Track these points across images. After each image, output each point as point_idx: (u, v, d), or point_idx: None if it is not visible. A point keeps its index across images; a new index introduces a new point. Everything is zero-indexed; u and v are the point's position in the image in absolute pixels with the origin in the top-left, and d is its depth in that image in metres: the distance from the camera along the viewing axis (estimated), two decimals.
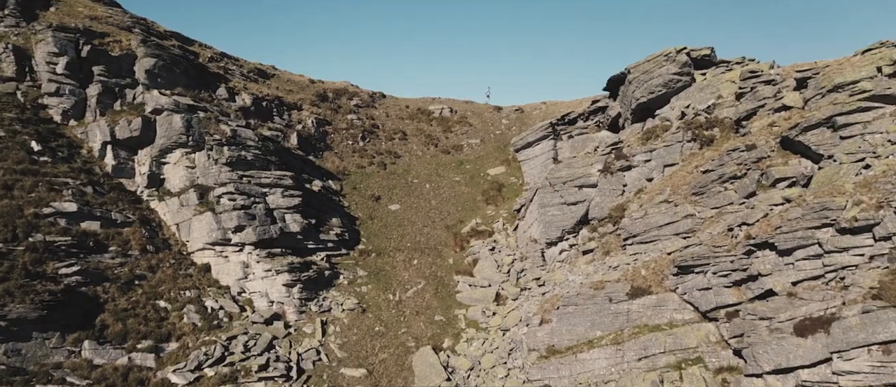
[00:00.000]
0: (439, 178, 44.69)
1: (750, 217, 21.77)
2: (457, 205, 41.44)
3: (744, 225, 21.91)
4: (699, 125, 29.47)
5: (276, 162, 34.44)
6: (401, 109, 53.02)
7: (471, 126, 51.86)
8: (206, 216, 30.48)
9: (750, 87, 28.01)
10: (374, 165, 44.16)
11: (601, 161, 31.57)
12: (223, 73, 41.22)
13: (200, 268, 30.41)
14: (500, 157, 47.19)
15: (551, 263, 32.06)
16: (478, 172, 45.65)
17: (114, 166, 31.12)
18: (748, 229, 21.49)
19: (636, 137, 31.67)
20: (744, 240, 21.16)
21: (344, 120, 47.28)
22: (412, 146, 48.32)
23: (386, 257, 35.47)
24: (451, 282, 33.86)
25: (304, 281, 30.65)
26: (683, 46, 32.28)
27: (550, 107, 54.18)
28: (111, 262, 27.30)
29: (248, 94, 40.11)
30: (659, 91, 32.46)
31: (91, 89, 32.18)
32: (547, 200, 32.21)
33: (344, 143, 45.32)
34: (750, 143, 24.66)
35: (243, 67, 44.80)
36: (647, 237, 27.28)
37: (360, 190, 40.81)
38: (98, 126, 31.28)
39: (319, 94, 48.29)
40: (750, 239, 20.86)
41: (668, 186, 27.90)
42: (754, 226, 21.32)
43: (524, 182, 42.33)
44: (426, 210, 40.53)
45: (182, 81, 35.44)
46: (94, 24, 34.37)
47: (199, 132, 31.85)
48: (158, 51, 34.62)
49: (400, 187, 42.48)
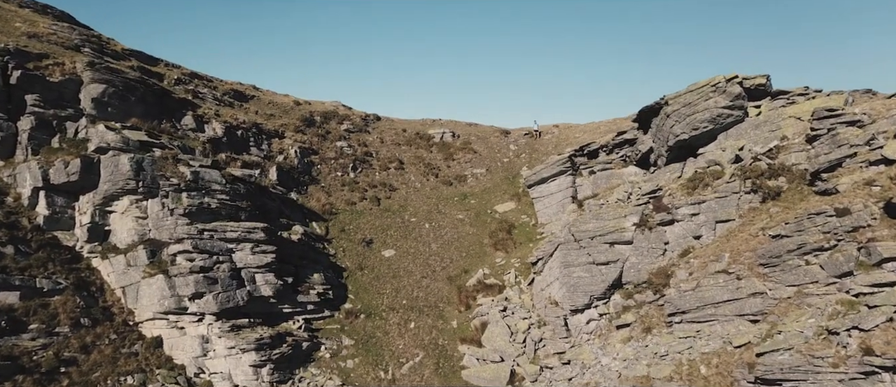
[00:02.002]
0: (440, 215, 39.26)
1: (865, 320, 16.35)
2: (460, 250, 35.97)
3: (856, 330, 16.49)
4: (760, 173, 24.11)
5: (248, 208, 28.95)
6: (397, 134, 47.63)
7: (475, 153, 46.46)
8: (157, 279, 24.98)
9: (826, 129, 22.69)
10: (365, 200, 38.73)
11: (636, 213, 26.17)
12: (192, 97, 35.77)
13: (150, 343, 24.86)
14: (509, 190, 41.79)
15: (577, 335, 26.61)
16: (484, 208, 40.22)
17: (47, 217, 25.59)
18: (863, 338, 16.09)
19: (679, 184, 26.27)
20: (858, 353, 15.76)
21: (332, 148, 41.86)
22: (410, 177, 42.92)
23: (377, 320, 29.96)
24: (455, 353, 28.35)
25: (277, 359, 25.14)
26: (735, 74, 26.97)
27: (564, 131, 48.82)
28: (30, 344, 21.75)
29: (219, 123, 34.66)
30: (704, 127, 27.11)
31: (23, 122, 26.67)
32: (571, 258, 26.77)
33: (332, 175, 39.89)
34: (841, 205, 19.28)
35: (217, 89, 39.37)
36: (701, 316, 21.87)
37: (349, 233, 35.33)
38: (28, 168, 25.76)
39: (305, 118, 42.87)
40: (869, 355, 15.47)
41: (727, 252, 22.50)
42: (873, 334, 15.93)
43: (538, 222, 36.93)
44: (425, 257, 35.05)
45: (138, 110, 30.03)
46: (31, 44, 28.92)
47: (153, 175, 26.37)
48: (109, 75, 29.21)
49: (395, 228, 37.02)
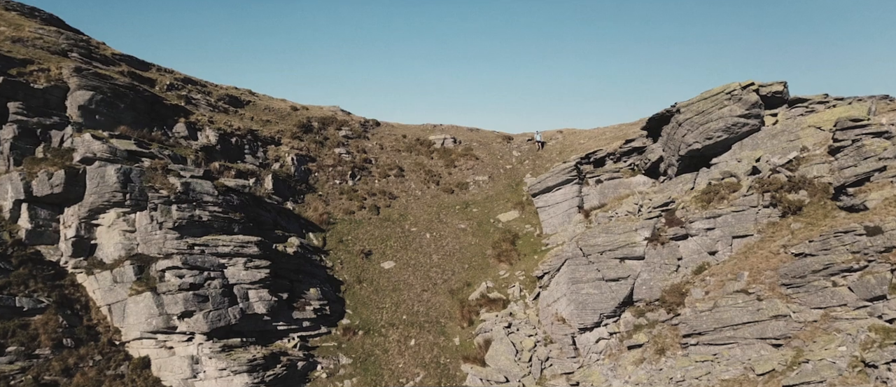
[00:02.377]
0: (441, 224, 38.03)
1: None
2: (462, 261, 34.74)
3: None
4: (779, 186, 22.90)
5: (242, 220, 27.73)
6: (397, 140, 46.41)
7: (477, 160, 45.23)
8: (145, 297, 23.77)
9: (850, 140, 21.47)
10: (364, 209, 37.50)
11: (648, 226, 24.94)
12: (184, 103, 34.56)
13: (136, 364, 23.62)
14: (512, 198, 40.55)
15: (586, 354, 25.36)
16: (487, 217, 38.99)
17: (29, 231, 24.38)
18: None
19: (692, 197, 25.06)
20: None
21: (331, 155, 40.63)
22: (410, 184, 41.70)
23: (376, 336, 28.72)
24: (458, 373, 27.11)
25: (270, 381, 23.91)
26: (751, 81, 25.75)
27: (568, 137, 47.60)
28: (7, 368, 20.55)
29: (213, 130, 33.44)
30: (718, 136, 25.88)
31: (5, 131, 25.45)
32: (580, 274, 25.54)
33: (330, 182, 38.67)
34: (871, 224, 18.07)
35: (211, 95, 38.16)
36: (719, 338, 20.63)
37: (348, 244, 34.10)
38: (10, 179, 24.56)
39: (302, 124, 41.65)
40: None
41: (745, 270, 21.28)
42: None
43: (542, 232, 35.70)
44: (426, 268, 33.82)
45: (128, 118, 28.85)
46: (15, 48, 27.73)
47: (141, 187, 25.15)
48: (97, 81, 28.02)
49: (395, 238, 35.80)
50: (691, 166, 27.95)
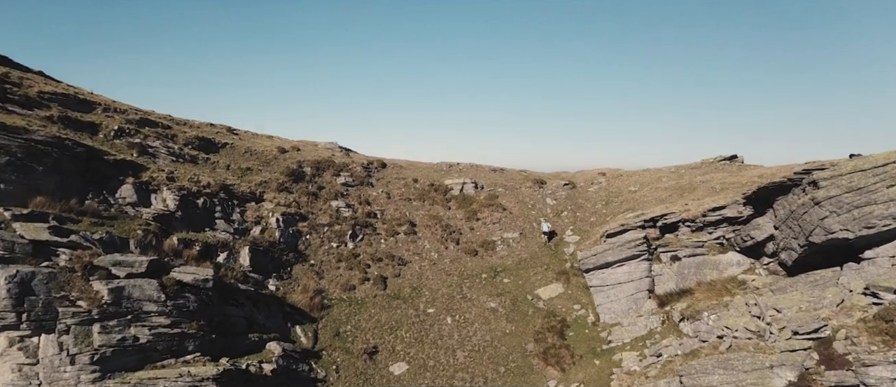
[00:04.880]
0: (466, 302, 30.17)
1: None
2: (496, 362, 26.82)
3: None
4: None
5: (200, 330, 19.84)
6: (407, 185, 38.62)
7: (505, 211, 37.41)
8: None
9: None
10: (368, 281, 29.69)
11: (791, 365, 17.02)
12: (137, 154, 26.78)
13: None
14: (552, 264, 32.70)
15: None
16: (522, 292, 31.11)
17: None
18: None
19: (859, 320, 17.14)
20: None
21: (326, 210, 32.83)
22: (424, 244, 33.89)
23: None
24: None
25: None
26: None
27: (613, 181, 39.81)
28: None
29: (172, 191, 25.64)
30: (886, 225, 18.05)
31: None
32: None
33: (325, 246, 30.85)
34: None
35: (176, 139, 30.38)
36: None
37: (346, 338, 26.21)
38: None
39: (292, 171, 33.87)
40: None
41: None
42: None
43: (600, 320, 27.83)
44: (449, 374, 25.90)
45: (49, 185, 21.14)
46: None
47: (48, 300, 17.32)
48: (4, 139, 20.27)
49: (407, 325, 27.92)
50: (825, 259, 20.11)
